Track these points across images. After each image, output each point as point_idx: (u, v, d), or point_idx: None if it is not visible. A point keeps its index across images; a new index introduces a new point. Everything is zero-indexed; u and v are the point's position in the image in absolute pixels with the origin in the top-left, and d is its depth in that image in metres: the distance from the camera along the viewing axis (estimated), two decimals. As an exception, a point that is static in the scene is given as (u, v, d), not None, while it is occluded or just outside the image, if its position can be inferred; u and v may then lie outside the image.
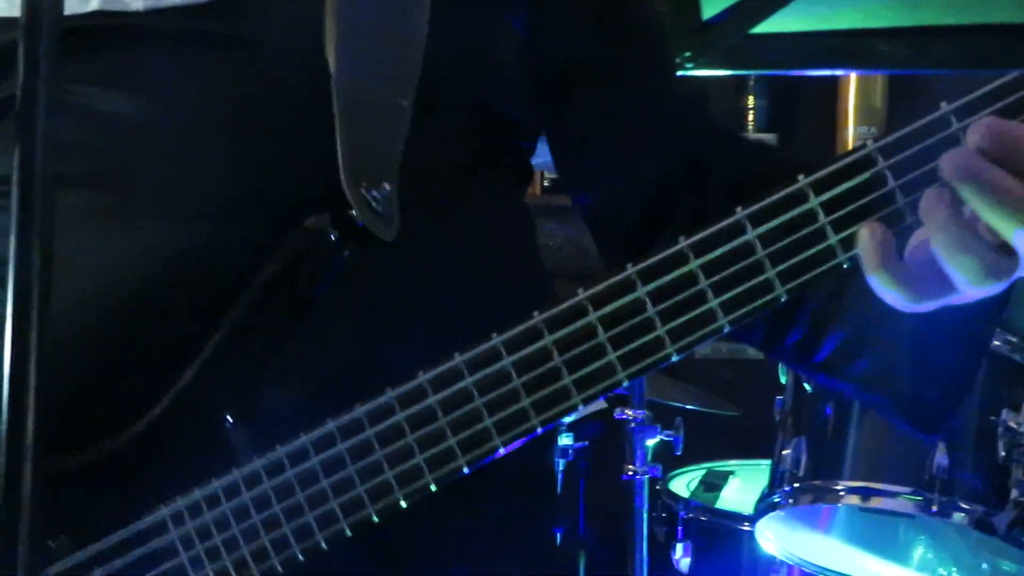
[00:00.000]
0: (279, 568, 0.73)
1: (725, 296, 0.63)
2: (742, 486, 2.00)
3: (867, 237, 0.61)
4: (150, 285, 0.76)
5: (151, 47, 0.76)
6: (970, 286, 0.59)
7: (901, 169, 0.60)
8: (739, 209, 0.62)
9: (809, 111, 2.74)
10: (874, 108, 2.62)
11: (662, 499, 1.96)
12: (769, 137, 2.73)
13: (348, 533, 0.71)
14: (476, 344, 0.68)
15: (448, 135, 0.82)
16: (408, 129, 0.76)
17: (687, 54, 0.57)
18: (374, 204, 0.73)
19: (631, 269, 0.65)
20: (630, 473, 1.75)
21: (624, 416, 1.75)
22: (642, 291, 0.65)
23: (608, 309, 0.66)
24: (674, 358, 0.66)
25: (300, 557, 0.72)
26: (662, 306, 0.65)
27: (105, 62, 0.76)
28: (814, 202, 0.62)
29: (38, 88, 0.50)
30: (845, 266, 0.62)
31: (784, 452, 1.68)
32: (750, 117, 2.76)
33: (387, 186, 0.74)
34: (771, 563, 1.80)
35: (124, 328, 0.76)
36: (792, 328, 0.77)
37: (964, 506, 1.49)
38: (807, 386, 1.72)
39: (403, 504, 0.71)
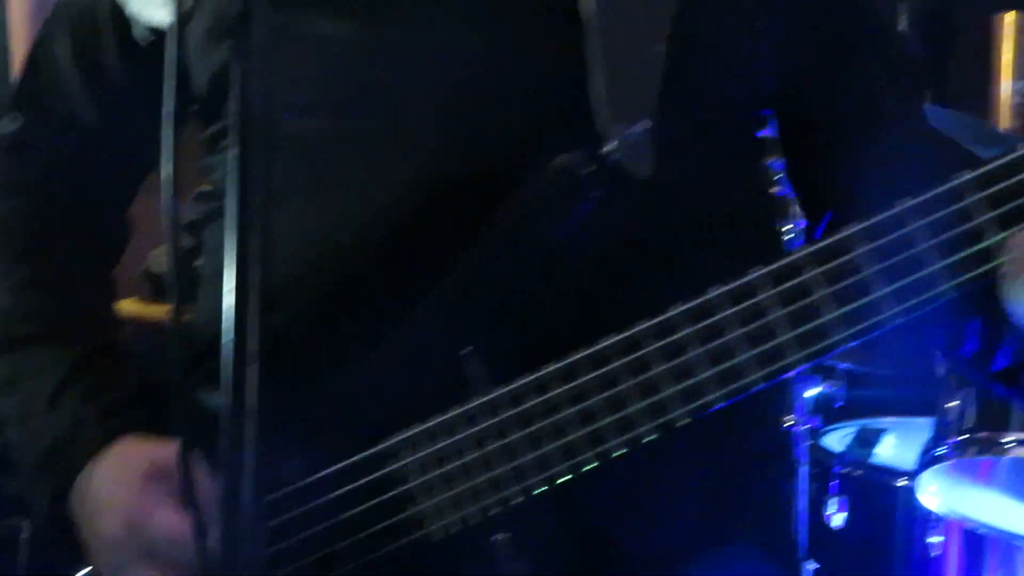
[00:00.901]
0: (516, 498, 0.71)
1: (949, 259, 0.64)
2: (897, 443, 1.94)
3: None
4: (388, 213, 0.76)
5: None
6: None
7: None
8: (963, 174, 0.64)
9: (961, 65, 2.60)
10: (1031, 63, 2.57)
11: (813, 455, 1.89)
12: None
13: (591, 464, 0.70)
14: (736, 278, 0.67)
15: (701, 89, 0.80)
16: (663, 75, 0.75)
17: None
18: (628, 141, 0.72)
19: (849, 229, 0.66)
20: (789, 424, 1.68)
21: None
22: (860, 250, 0.65)
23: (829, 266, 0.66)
24: (899, 320, 0.66)
25: (536, 490, 0.71)
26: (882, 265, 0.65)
27: None
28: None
29: (252, 28, 0.50)
30: None
31: (949, 404, 1.65)
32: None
33: (642, 124, 0.73)
34: (929, 518, 1.75)
35: (363, 255, 0.77)
36: (967, 338, 0.76)
37: None
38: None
39: (645, 439, 0.69)
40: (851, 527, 1.86)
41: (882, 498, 1.84)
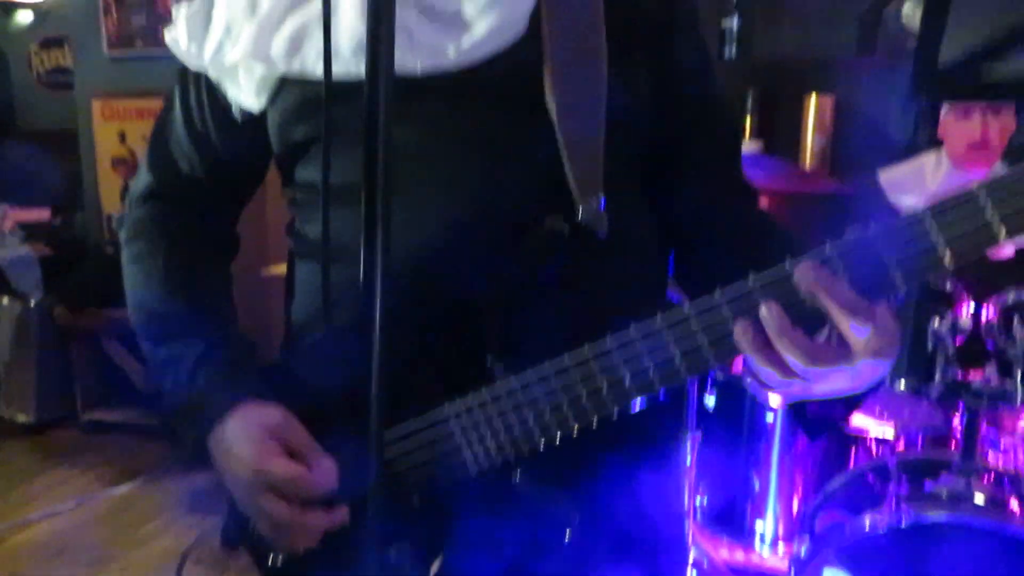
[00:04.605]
0: (526, 448, 0.76)
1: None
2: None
3: (765, 313, 0.64)
4: (442, 250, 0.79)
5: (433, 94, 0.80)
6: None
7: None
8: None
9: (782, 125, 2.81)
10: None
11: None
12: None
13: (575, 429, 0.74)
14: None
15: (626, 160, 0.83)
16: (604, 159, 0.79)
17: (923, 90, 0.61)
18: (593, 209, 0.77)
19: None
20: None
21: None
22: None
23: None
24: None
25: (539, 444, 0.75)
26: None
27: (401, 99, 0.70)
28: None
29: (380, 117, 0.55)
30: None
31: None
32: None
33: (599, 195, 0.78)
34: (765, 404, 2.05)
35: (422, 281, 0.78)
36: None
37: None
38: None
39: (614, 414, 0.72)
40: (719, 409, 2.16)
41: (738, 391, 2.13)
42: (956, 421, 1.91)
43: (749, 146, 2.84)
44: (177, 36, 0.90)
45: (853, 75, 2.64)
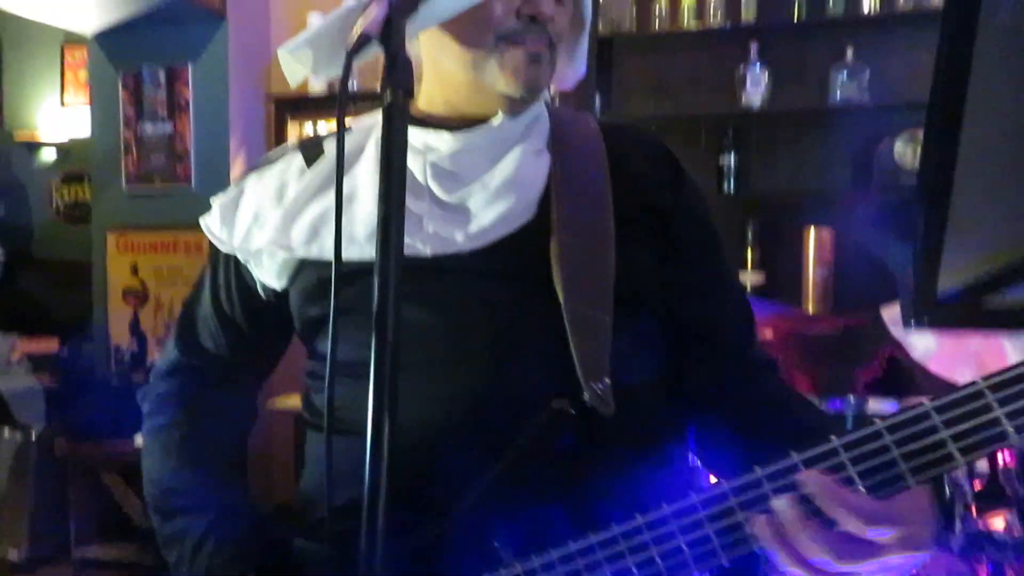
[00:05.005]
0: None
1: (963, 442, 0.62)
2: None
3: (778, 506, 0.64)
4: (448, 428, 0.80)
5: (443, 276, 0.82)
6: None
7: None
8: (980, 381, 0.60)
9: (782, 264, 2.84)
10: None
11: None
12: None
13: None
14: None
15: (636, 339, 0.82)
16: (612, 341, 0.78)
17: (921, 318, 0.62)
18: (599, 392, 0.77)
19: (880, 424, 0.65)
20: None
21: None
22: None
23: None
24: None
25: None
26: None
27: (413, 280, 0.73)
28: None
29: (389, 297, 0.58)
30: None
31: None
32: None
33: (606, 379, 0.77)
34: None
35: (430, 451, 0.78)
36: None
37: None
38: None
39: None
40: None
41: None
42: (982, 568, 1.87)
43: (751, 278, 2.86)
44: (210, 222, 0.96)
45: (850, 209, 2.67)
